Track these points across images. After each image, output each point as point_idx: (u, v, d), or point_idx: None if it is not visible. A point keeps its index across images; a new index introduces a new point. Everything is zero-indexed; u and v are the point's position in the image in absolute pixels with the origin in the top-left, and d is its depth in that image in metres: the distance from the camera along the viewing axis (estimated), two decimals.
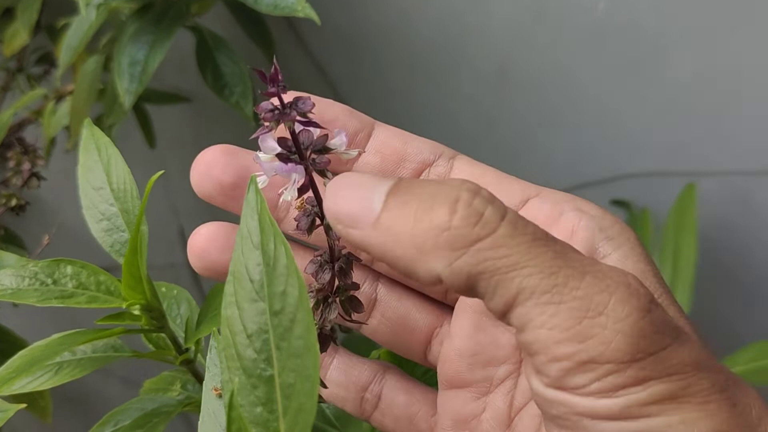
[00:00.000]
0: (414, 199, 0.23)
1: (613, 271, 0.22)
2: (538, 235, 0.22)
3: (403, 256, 0.23)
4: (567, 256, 0.22)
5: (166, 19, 0.55)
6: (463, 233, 0.22)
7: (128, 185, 0.36)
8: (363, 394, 0.31)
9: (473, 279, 0.22)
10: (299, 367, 0.22)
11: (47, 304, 0.33)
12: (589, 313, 0.21)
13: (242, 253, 0.23)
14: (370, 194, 0.23)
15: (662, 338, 0.21)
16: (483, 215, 0.22)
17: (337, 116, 0.29)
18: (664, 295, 0.25)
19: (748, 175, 0.68)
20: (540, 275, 0.21)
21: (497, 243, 0.22)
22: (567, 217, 0.27)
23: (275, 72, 0.25)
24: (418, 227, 0.22)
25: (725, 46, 0.64)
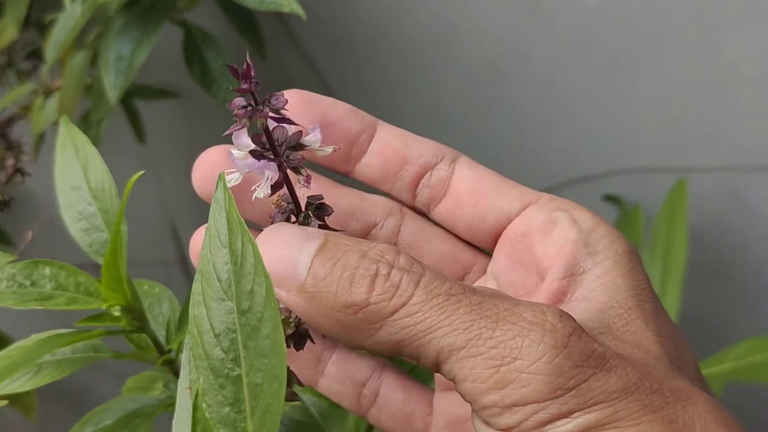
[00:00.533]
0: (337, 270, 0.23)
1: (530, 311, 0.22)
2: (453, 291, 0.23)
3: (326, 326, 0.24)
4: (482, 306, 0.22)
5: (153, 14, 0.55)
6: (379, 308, 0.23)
7: (107, 184, 0.35)
8: (360, 390, 0.31)
9: (396, 347, 0.23)
10: (266, 366, 0.22)
11: (26, 307, 0.33)
12: (505, 359, 0.22)
13: (210, 252, 0.23)
14: (296, 256, 0.24)
15: (583, 371, 0.22)
16: (399, 286, 0.23)
17: (340, 117, 0.29)
18: (630, 310, 0.25)
19: (739, 171, 0.68)
20: (454, 333, 0.22)
21: (412, 311, 0.23)
22: (559, 229, 0.27)
23: (248, 68, 0.25)
24: (338, 302, 0.23)
25: (718, 42, 0.64)
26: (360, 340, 0.23)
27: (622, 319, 0.25)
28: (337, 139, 0.29)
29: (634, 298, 0.26)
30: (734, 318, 0.73)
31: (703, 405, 0.22)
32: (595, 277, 0.26)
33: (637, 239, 0.65)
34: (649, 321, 0.25)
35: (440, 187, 0.30)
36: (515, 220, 0.29)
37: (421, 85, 0.71)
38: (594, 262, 0.26)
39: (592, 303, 0.26)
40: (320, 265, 0.24)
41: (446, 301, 0.22)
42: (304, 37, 0.71)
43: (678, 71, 0.66)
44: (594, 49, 0.67)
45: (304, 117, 0.28)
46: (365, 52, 0.71)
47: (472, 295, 0.23)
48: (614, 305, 0.25)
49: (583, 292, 0.26)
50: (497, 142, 0.71)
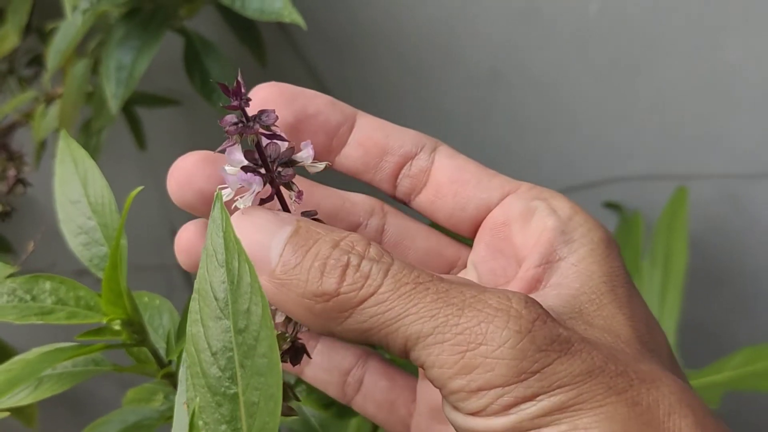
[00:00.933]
0: (308, 258, 0.24)
1: (495, 297, 0.23)
2: (421, 280, 0.23)
3: (295, 312, 0.24)
4: (448, 294, 0.23)
5: (154, 23, 0.55)
6: (349, 298, 0.23)
7: (106, 198, 0.35)
8: (345, 379, 0.32)
9: (364, 335, 0.23)
10: (263, 385, 0.22)
11: (26, 321, 0.33)
12: (470, 345, 0.22)
13: (207, 271, 0.23)
14: (267, 241, 0.24)
15: (547, 355, 0.22)
16: (369, 276, 0.23)
17: (319, 109, 0.29)
18: (603, 296, 0.26)
19: (739, 179, 0.68)
20: (421, 320, 0.23)
21: (380, 299, 0.23)
22: (538, 218, 0.28)
23: (238, 86, 0.25)
24: (308, 290, 0.23)
25: (718, 48, 0.64)
26: (329, 327, 0.24)
27: (593, 305, 0.25)
28: (317, 130, 0.29)
29: (607, 284, 0.26)
30: (734, 325, 0.73)
31: (668, 387, 0.23)
32: (570, 264, 0.27)
33: (637, 246, 0.65)
34: (622, 305, 0.26)
35: (420, 177, 0.30)
36: (495, 210, 0.29)
37: (421, 90, 0.71)
38: (570, 249, 0.27)
39: (565, 289, 0.26)
40: (292, 252, 0.24)
41: (414, 290, 0.23)
42: (304, 44, 0.71)
43: (678, 77, 0.66)
44: (594, 55, 0.67)
45: (285, 111, 0.29)
46: (366, 58, 0.71)
47: (439, 283, 0.23)
48: (586, 291, 0.26)
49: (557, 279, 0.27)
50: (497, 147, 0.71)
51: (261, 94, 0.29)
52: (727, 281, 0.72)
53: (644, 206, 0.69)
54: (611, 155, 0.70)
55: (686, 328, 0.63)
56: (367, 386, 0.32)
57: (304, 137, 0.29)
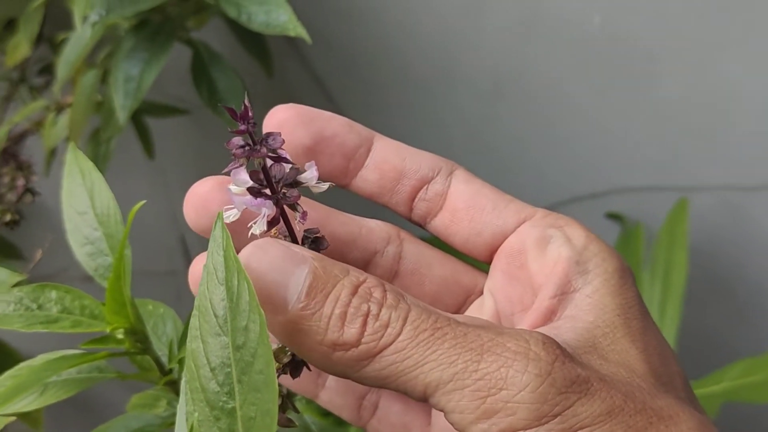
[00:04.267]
0: (329, 305, 0.24)
1: (513, 340, 0.23)
2: (438, 325, 0.23)
3: (309, 357, 0.24)
4: (466, 338, 0.23)
5: (161, 35, 0.56)
6: (369, 348, 0.23)
7: (112, 210, 0.36)
8: (361, 402, 0.32)
9: (382, 382, 0.23)
10: (259, 401, 0.23)
11: (32, 330, 0.34)
12: (492, 390, 0.22)
13: (207, 288, 0.24)
14: (285, 282, 0.24)
15: (567, 396, 0.22)
16: (389, 325, 0.23)
17: (336, 132, 0.29)
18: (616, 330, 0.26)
19: (740, 190, 0.68)
20: (440, 367, 0.22)
21: (399, 347, 0.23)
22: (553, 246, 0.28)
23: (245, 110, 0.26)
24: (328, 339, 0.23)
25: (719, 62, 0.65)
26: (345, 374, 0.24)
27: (607, 338, 0.26)
28: (335, 153, 0.29)
29: (620, 316, 0.26)
30: (733, 335, 0.74)
31: (686, 423, 0.23)
32: (585, 296, 0.27)
33: (638, 257, 0.66)
34: (635, 339, 0.26)
35: (437, 201, 0.30)
36: (511, 237, 0.29)
37: (425, 103, 0.72)
38: (585, 281, 0.27)
39: (579, 323, 0.26)
40: (311, 297, 0.24)
41: (432, 336, 0.23)
42: (311, 55, 0.72)
43: (679, 90, 0.67)
44: (596, 68, 0.68)
45: (302, 133, 0.29)
46: (371, 71, 0.72)
47: (456, 327, 0.23)
48: (600, 324, 0.26)
49: (571, 311, 0.27)
50: (499, 159, 0.72)
51: (279, 116, 0.29)
52: (727, 292, 0.72)
53: (646, 217, 0.69)
54: (613, 167, 0.70)
55: (686, 338, 0.64)
56: (382, 410, 0.31)
57: (322, 160, 0.29)
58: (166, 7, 0.57)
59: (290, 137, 0.28)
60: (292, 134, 0.29)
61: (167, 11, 0.58)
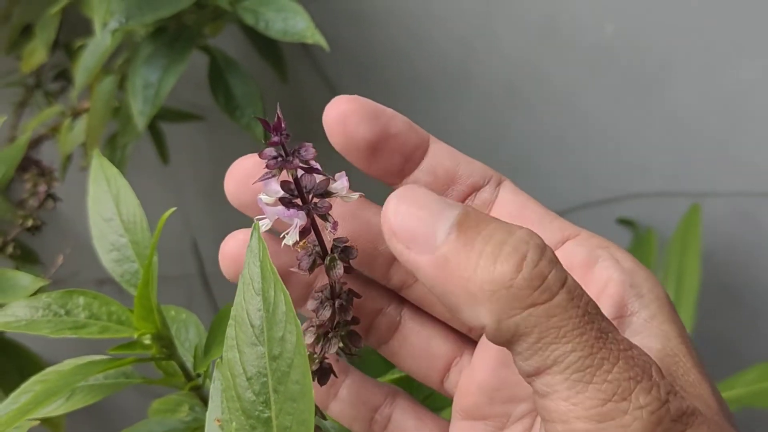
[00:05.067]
0: (480, 241, 0.23)
1: (642, 358, 0.23)
2: (590, 309, 0.22)
3: (453, 296, 0.23)
4: (608, 337, 0.22)
5: (180, 42, 0.56)
6: (522, 294, 0.22)
7: (138, 217, 0.37)
8: (373, 415, 0.31)
9: (517, 338, 0.22)
10: (295, 410, 0.23)
11: (60, 335, 0.34)
12: (615, 397, 0.22)
13: (244, 299, 0.24)
14: (435, 220, 0.23)
15: (676, 426, 0.22)
16: (546, 279, 0.22)
17: (399, 130, 0.29)
18: (685, 359, 0.26)
19: (752, 196, 0.68)
20: (580, 353, 0.22)
21: (551, 312, 0.22)
22: (601, 267, 0.27)
23: (278, 121, 0.26)
24: (478, 275, 0.22)
25: (732, 68, 0.65)
26: (484, 320, 0.23)
27: (679, 369, 0.25)
28: (395, 151, 0.29)
29: (684, 345, 0.26)
30: (747, 341, 0.74)
31: None
32: (643, 320, 0.26)
33: (651, 263, 0.66)
34: (701, 371, 0.26)
35: (483, 209, 0.29)
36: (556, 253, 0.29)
37: (439, 107, 0.72)
38: (641, 304, 0.26)
39: (648, 350, 0.25)
40: (462, 232, 0.23)
41: (583, 317, 0.22)
42: (325, 61, 0.72)
43: (692, 95, 0.67)
44: (610, 73, 0.68)
45: (365, 127, 0.28)
46: (386, 76, 0.72)
47: (602, 320, 0.23)
48: (669, 353, 0.26)
49: (631, 335, 0.26)
50: (513, 164, 0.72)
51: (342, 107, 0.28)
52: (740, 297, 0.73)
53: (658, 223, 0.70)
54: (626, 172, 0.71)
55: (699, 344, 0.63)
56: (394, 424, 0.31)
57: (382, 156, 0.29)
58: (184, 14, 0.58)
59: (353, 131, 0.28)
60: (355, 128, 0.28)
61: (184, 18, 0.58)
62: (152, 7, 0.52)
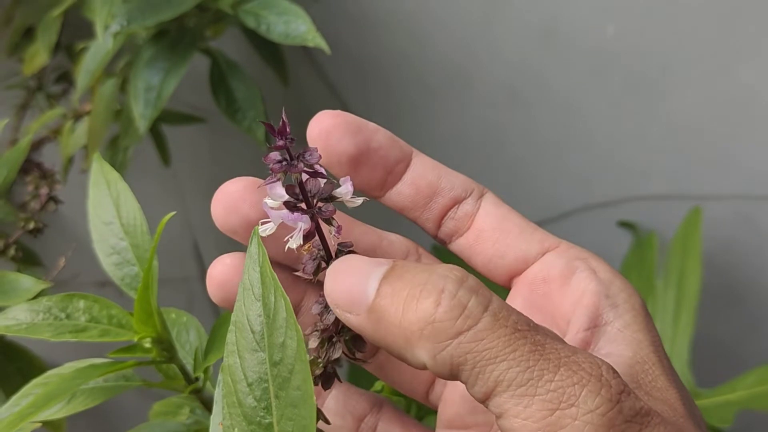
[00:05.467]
0: (404, 287, 0.24)
1: (588, 361, 0.23)
2: (519, 326, 0.23)
3: (393, 344, 0.24)
4: (545, 347, 0.23)
5: (181, 45, 0.56)
6: (446, 326, 0.23)
7: (138, 220, 0.37)
8: (359, 425, 0.32)
9: (456, 369, 0.23)
10: (296, 416, 0.23)
11: (61, 339, 0.34)
12: (561, 404, 0.22)
13: (244, 304, 0.24)
14: (365, 281, 0.24)
15: (631, 426, 0.22)
16: (466, 307, 0.23)
17: (381, 144, 0.30)
18: (655, 366, 0.26)
19: (753, 199, 0.68)
20: (517, 369, 0.22)
21: (478, 336, 0.23)
22: (578, 278, 0.28)
23: (283, 125, 0.26)
24: (405, 318, 0.23)
25: (732, 71, 0.65)
26: (422, 359, 0.23)
27: (648, 375, 0.26)
28: (377, 165, 0.30)
29: (655, 354, 0.26)
30: (748, 344, 0.74)
31: None
32: (617, 330, 0.27)
33: (652, 266, 0.66)
34: (670, 378, 0.26)
35: (465, 221, 0.30)
36: (534, 265, 0.29)
37: (440, 111, 0.72)
38: (615, 314, 0.27)
39: (619, 357, 0.26)
40: (388, 284, 0.24)
41: (513, 334, 0.23)
42: (326, 64, 0.72)
43: (693, 99, 0.67)
44: (611, 76, 0.68)
45: (347, 141, 0.29)
46: (386, 79, 0.72)
47: (535, 334, 0.23)
48: (639, 360, 0.26)
49: (605, 344, 0.27)
50: (514, 167, 0.72)
51: (325, 122, 0.29)
52: (740, 300, 0.73)
53: (659, 226, 0.70)
54: (627, 175, 0.71)
55: (700, 346, 0.64)
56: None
57: (364, 170, 0.29)
58: (185, 17, 0.58)
59: (336, 145, 0.29)
60: (338, 142, 0.29)
61: (185, 21, 0.58)
62: (154, 10, 0.52)
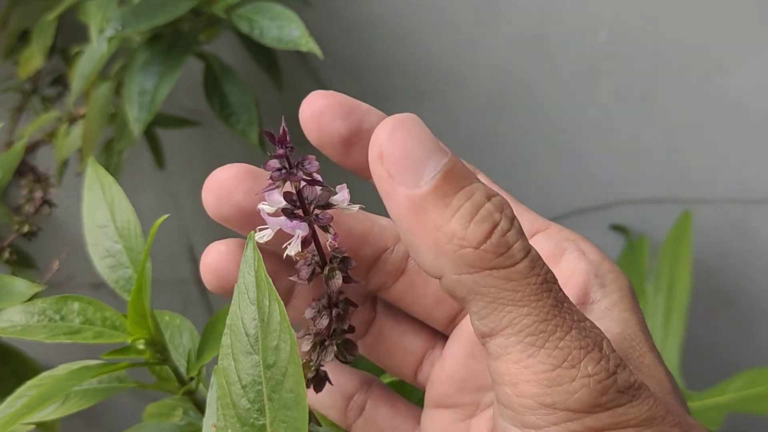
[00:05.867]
0: (462, 197, 0.23)
1: (594, 331, 0.24)
2: (548, 278, 0.23)
3: (418, 239, 0.23)
4: (563, 306, 0.23)
5: (176, 49, 0.56)
6: (486, 257, 0.23)
7: (132, 224, 0.37)
8: (348, 403, 0.32)
9: (472, 295, 0.23)
10: (289, 418, 0.24)
11: (55, 341, 0.34)
12: (564, 363, 0.23)
13: (239, 308, 0.25)
14: (425, 159, 0.23)
15: (622, 396, 0.23)
16: (511, 247, 0.23)
17: (373, 125, 0.28)
18: (642, 344, 0.27)
19: (743, 204, 0.69)
20: (534, 317, 0.23)
21: (511, 276, 0.23)
22: (568, 258, 0.28)
23: (284, 133, 0.26)
24: (449, 229, 0.23)
25: (722, 78, 0.65)
26: (444, 270, 0.23)
27: (635, 352, 0.26)
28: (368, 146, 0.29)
29: (642, 332, 0.27)
30: (737, 347, 0.74)
31: None
32: (604, 308, 0.27)
33: (643, 269, 0.66)
34: (656, 356, 0.27)
35: None
36: None
37: (433, 116, 0.72)
38: (603, 293, 0.28)
39: (608, 334, 0.26)
40: (447, 182, 0.23)
41: (541, 285, 0.23)
42: (320, 69, 0.73)
43: (683, 106, 0.67)
44: (602, 82, 0.68)
45: (340, 122, 0.28)
46: (379, 83, 0.72)
47: (559, 291, 0.23)
48: (627, 337, 0.27)
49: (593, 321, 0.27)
50: (505, 172, 0.73)
51: (318, 103, 0.28)
52: (730, 304, 0.73)
53: (650, 229, 0.70)
54: (618, 179, 0.71)
55: (690, 349, 0.64)
56: (369, 411, 0.32)
57: (357, 150, 0.29)
58: (180, 21, 0.58)
59: (328, 126, 0.28)
60: (330, 123, 0.28)
61: (180, 25, 0.59)
62: (148, 14, 0.52)
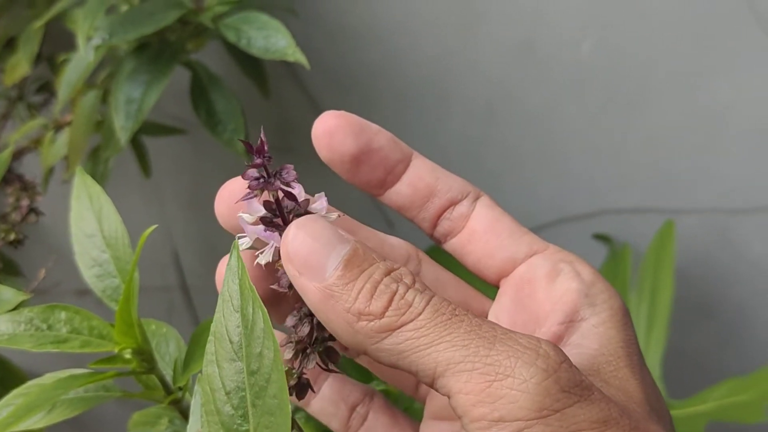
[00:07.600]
0: (363, 279, 0.25)
1: (525, 338, 0.24)
2: (456, 312, 0.25)
3: (334, 324, 0.25)
4: (481, 328, 0.24)
5: (163, 58, 0.57)
6: (393, 320, 0.24)
7: (119, 233, 0.37)
8: (351, 413, 0.33)
9: (396, 357, 0.25)
10: (272, 424, 0.24)
11: (42, 350, 0.35)
12: (498, 376, 0.23)
13: (223, 315, 0.25)
14: (327, 253, 0.26)
15: (569, 396, 0.23)
16: (411, 304, 0.25)
17: (381, 145, 0.31)
18: (620, 359, 0.27)
19: (726, 213, 0.70)
20: (453, 348, 0.24)
21: (418, 325, 0.24)
22: (562, 279, 0.29)
23: (261, 144, 0.27)
24: (355, 309, 0.25)
25: (707, 88, 0.66)
26: (363, 345, 0.25)
27: (610, 366, 0.27)
28: (378, 165, 0.31)
29: (624, 349, 0.28)
30: (719, 356, 0.75)
31: None
32: (591, 326, 0.28)
33: (625, 278, 0.67)
34: (635, 371, 0.27)
35: (460, 221, 0.31)
36: (521, 266, 0.31)
37: (419, 125, 0.73)
38: (592, 312, 0.28)
39: (585, 349, 0.27)
40: (348, 270, 0.25)
41: (450, 320, 0.24)
42: (307, 78, 0.73)
43: (668, 115, 0.68)
44: (586, 91, 0.69)
45: (350, 142, 0.30)
46: (366, 94, 0.73)
47: (473, 317, 0.25)
48: (605, 353, 0.27)
49: (577, 338, 0.28)
50: (491, 180, 0.73)
51: (329, 123, 0.30)
52: (712, 313, 0.74)
53: (633, 239, 0.71)
54: (602, 188, 0.72)
55: (672, 358, 0.65)
56: (370, 421, 0.33)
57: (365, 169, 0.31)
58: (167, 30, 0.58)
59: (339, 145, 0.30)
60: (341, 143, 0.30)
61: (167, 35, 0.59)
62: (136, 23, 0.53)
